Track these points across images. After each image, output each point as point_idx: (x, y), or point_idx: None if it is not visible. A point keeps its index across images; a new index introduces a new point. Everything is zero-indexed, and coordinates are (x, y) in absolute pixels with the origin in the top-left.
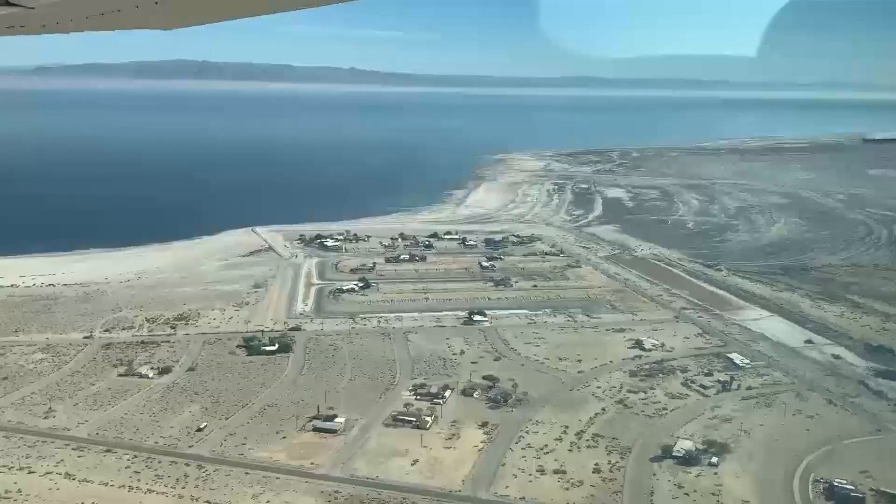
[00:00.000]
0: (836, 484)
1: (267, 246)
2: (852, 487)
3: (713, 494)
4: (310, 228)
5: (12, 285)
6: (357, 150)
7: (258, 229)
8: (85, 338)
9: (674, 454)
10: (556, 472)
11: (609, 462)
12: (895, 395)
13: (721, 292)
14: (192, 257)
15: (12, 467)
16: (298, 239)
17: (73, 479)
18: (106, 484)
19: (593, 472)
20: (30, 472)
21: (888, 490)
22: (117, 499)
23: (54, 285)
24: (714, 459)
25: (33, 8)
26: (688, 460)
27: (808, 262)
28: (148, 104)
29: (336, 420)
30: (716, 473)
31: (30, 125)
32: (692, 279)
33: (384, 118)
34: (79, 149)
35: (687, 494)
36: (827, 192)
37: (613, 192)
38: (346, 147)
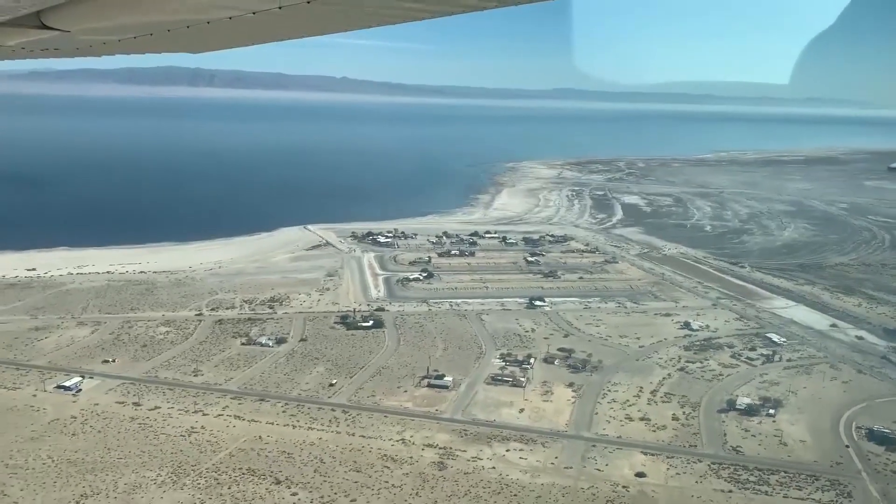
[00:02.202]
0: (874, 428)
1: (324, 241)
2: (889, 431)
3: (775, 436)
4: (357, 227)
5: (108, 272)
6: (373, 158)
7: (310, 227)
8: (196, 315)
9: (737, 407)
10: (641, 419)
11: (683, 413)
12: None
13: (748, 285)
14: (260, 250)
15: (188, 410)
16: (351, 236)
17: (243, 420)
18: (271, 423)
19: (672, 420)
20: (204, 415)
21: None
22: (286, 433)
23: (145, 272)
24: (771, 411)
25: (69, 32)
26: (749, 412)
27: (821, 261)
28: (150, 110)
29: (445, 378)
30: (774, 421)
31: (44, 130)
32: (720, 274)
33: (387, 127)
34: (108, 153)
35: (753, 436)
36: (829, 200)
37: (629, 199)
38: (360, 154)
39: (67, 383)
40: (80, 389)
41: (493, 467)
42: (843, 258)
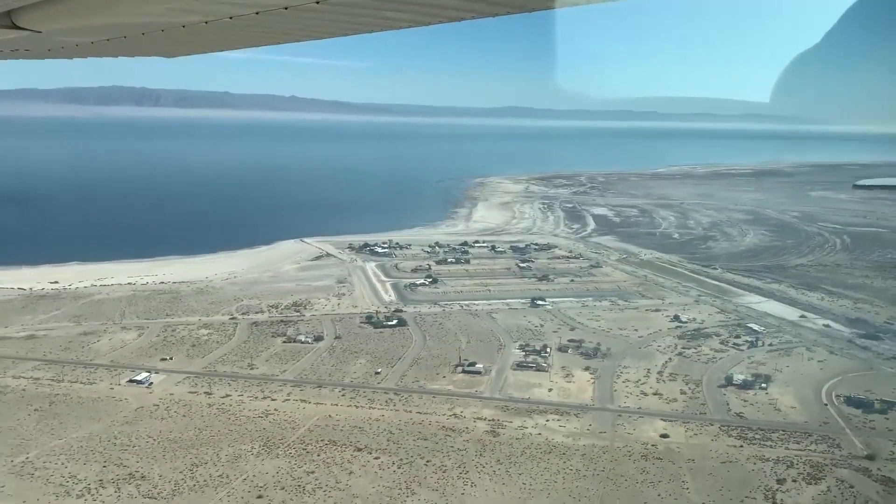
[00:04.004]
0: (851, 395)
1: (325, 253)
2: (864, 397)
3: (770, 404)
4: (350, 239)
5: (129, 283)
6: (342, 175)
7: (306, 240)
8: (230, 319)
9: (734, 382)
10: (654, 394)
11: (689, 388)
12: (876, 349)
13: (722, 284)
14: (266, 261)
15: (257, 397)
16: (348, 247)
17: (309, 403)
18: (335, 405)
19: (681, 394)
20: (272, 400)
21: (886, 399)
22: (351, 412)
23: (165, 283)
24: (763, 385)
25: (41, 32)
26: (745, 386)
27: (783, 263)
28: (99, 130)
29: (477, 365)
30: (767, 393)
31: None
32: (695, 275)
33: (343, 146)
34: (74, 173)
35: (752, 405)
36: (781, 210)
37: (598, 210)
38: (328, 171)
39: (138, 377)
40: (152, 383)
41: (539, 433)
42: (801, 260)
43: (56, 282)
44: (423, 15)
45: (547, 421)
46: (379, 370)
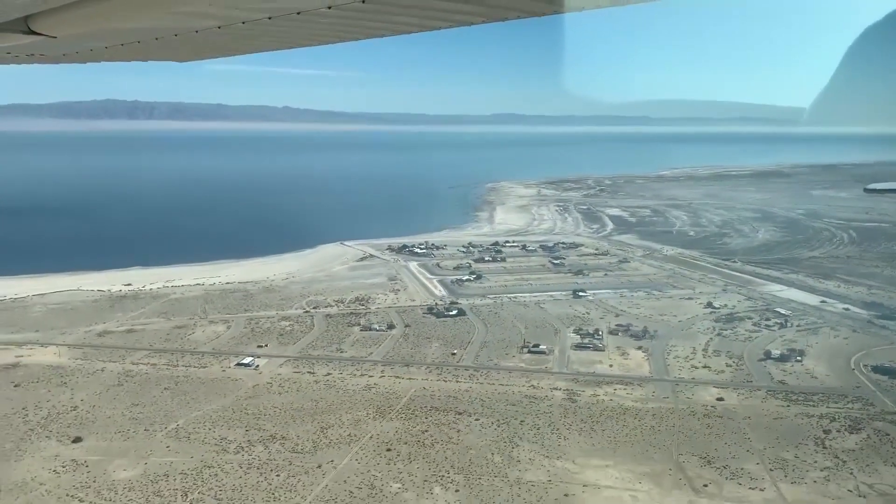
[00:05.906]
0: (878, 364)
1: (368, 254)
2: (889, 365)
3: (807, 373)
4: (388, 242)
5: (197, 284)
6: (357, 183)
7: (347, 243)
8: (305, 312)
9: (772, 356)
10: (703, 367)
11: (733, 362)
12: (894, 328)
13: (744, 276)
14: (316, 263)
15: (355, 374)
16: (388, 249)
17: (403, 379)
18: (426, 380)
19: (727, 367)
20: (370, 377)
21: None
22: (442, 385)
23: (231, 283)
24: (798, 358)
25: (56, 38)
26: (782, 359)
27: (797, 256)
28: (108, 144)
29: (541, 347)
30: (802, 364)
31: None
32: (718, 268)
33: (346, 155)
34: (82, 186)
35: (791, 374)
36: (787, 208)
37: (612, 211)
38: (343, 180)
39: (244, 361)
40: (258, 365)
41: (611, 399)
42: (814, 252)
43: (129, 284)
44: (431, 20)
45: (615, 390)
46: (454, 352)
